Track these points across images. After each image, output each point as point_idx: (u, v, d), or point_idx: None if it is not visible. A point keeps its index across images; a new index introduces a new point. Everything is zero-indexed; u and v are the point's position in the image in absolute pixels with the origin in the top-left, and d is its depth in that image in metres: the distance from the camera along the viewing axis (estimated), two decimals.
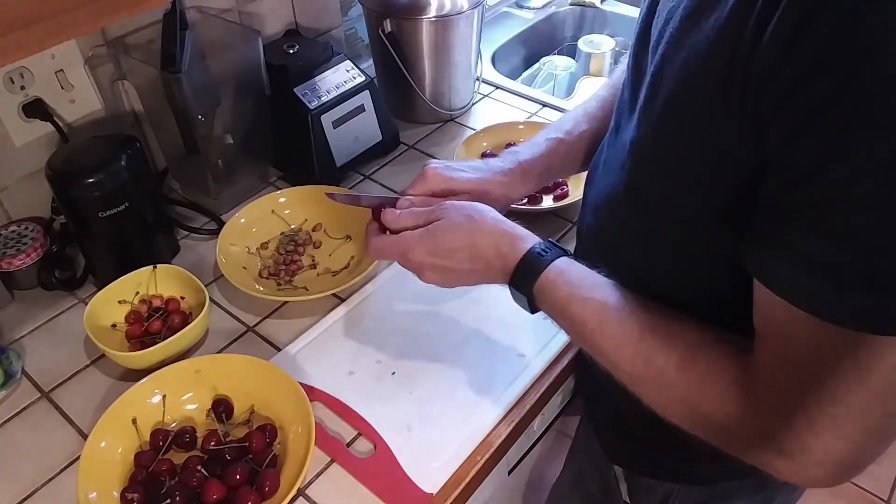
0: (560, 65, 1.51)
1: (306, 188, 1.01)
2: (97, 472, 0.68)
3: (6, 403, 0.79)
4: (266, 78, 1.01)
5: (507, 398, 0.77)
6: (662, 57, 0.51)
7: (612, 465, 0.79)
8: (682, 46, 0.48)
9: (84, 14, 0.54)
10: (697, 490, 0.72)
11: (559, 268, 0.61)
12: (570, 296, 0.59)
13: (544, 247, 0.63)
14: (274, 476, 0.68)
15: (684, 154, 0.51)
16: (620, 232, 0.62)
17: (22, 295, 0.92)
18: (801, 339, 0.44)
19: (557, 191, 1.01)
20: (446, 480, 0.70)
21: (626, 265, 0.62)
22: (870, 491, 1.68)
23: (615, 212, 0.62)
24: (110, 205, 0.84)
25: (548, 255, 0.62)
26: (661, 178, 0.55)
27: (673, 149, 0.52)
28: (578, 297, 0.59)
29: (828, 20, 0.37)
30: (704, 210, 0.52)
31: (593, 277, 0.60)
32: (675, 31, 0.49)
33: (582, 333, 0.59)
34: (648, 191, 0.57)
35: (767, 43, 0.40)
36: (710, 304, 0.55)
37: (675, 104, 0.50)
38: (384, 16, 1.11)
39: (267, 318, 0.89)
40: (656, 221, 0.57)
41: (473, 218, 0.65)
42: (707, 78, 0.45)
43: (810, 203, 0.41)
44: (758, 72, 0.41)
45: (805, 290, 0.42)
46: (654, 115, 0.52)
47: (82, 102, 0.95)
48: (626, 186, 0.59)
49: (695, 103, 0.47)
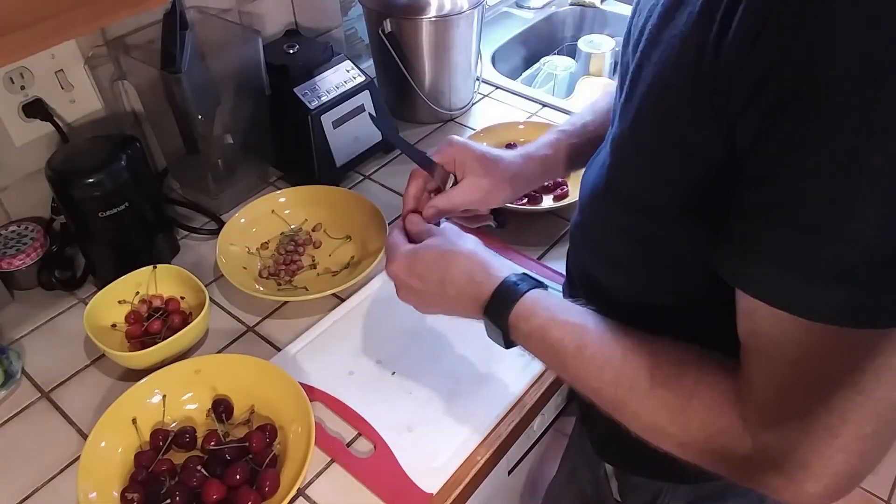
0: (560, 65, 1.51)
1: (306, 188, 1.01)
2: (97, 472, 0.69)
3: (6, 403, 0.79)
4: (266, 78, 1.01)
5: (507, 398, 0.77)
6: (641, 53, 0.51)
7: (603, 464, 0.79)
8: (658, 42, 0.48)
9: (84, 14, 0.54)
10: (687, 488, 0.72)
11: (535, 296, 0.60)
12: (549, 321, 0.58)
13: (519, 277, 0.62)
14: (274, 476, 0.68)
15: (657, 150, 0.51)
16: (604, 229, 0.62)
17: (22, 295, 0.92)
18: (786, 344, 0.44)
19: (557, 191, 1.02)
20: (446, 480, 0.70)
21: (611, 263, 0.62)
22: (870, 491, 1.68)
23: (600, 209, 0.62)
24: (110, 205, 0.84)
25: (523, 285, 0.61)
26: (639, 175, 0.54)
27: (647, 145, 0.52)
28: (557, 322, 0.58)
29: (784, 16, 0.38)
30: (679, 208, 0.51)
31: (571, 304, 0.60)
32: (654, 27, 0.49)
33: (562, 360, 0.57)
34: (627, 188, 0.57)
35: (732, 41, 0.40)
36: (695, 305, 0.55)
37: (649, 100, 0.50)
38: (384, 16, 1.11)
39: (267, 318, 0.89)
40: (636, 219, 0.57)
41: (453, 243, 0.65)
42: (678, 73, 0.45)
43: (779, 199, 0.40)
44: (725, 70, 0.41)
45: (781, 289, 0.42)
46: (632, 111, 0.52)
47: (82, 102, 0.95)
48: (607, 183, 0.59)
49: (667, 99, 0.47)
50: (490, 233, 0.82)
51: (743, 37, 0.40)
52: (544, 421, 0.94)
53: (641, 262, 0.59)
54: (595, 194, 0.62)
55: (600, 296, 0.65)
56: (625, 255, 0.60)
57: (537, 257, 0.95)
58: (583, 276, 0.70)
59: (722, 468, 0.50)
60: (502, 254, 0.94)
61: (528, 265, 0.92)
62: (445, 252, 0.65)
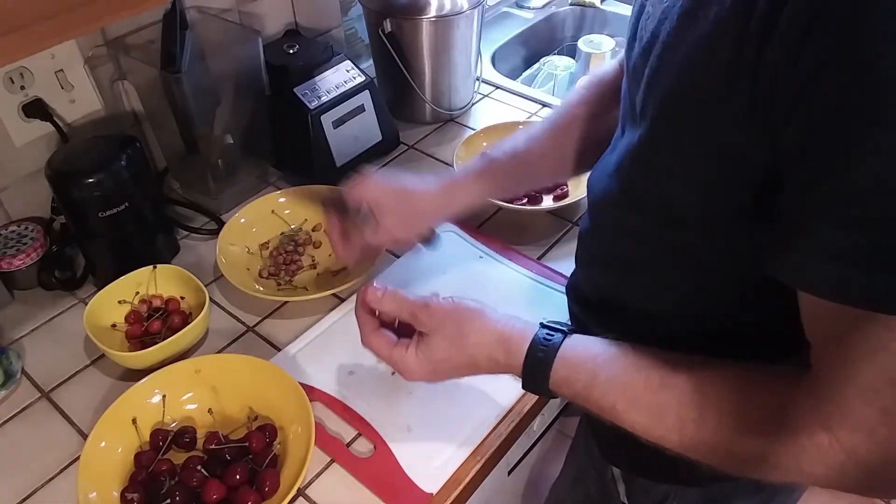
0: (560, 65, 1.51)
1: (306, 188, 1.01)
2: (97, 472, 0.69)
3: (6, 403, 0.79)
4: (266, 78, 1.01)
5: (508, 398, 0.77)
6: (660, 57, 0.50)
7: (610, 466, 0.79)
8: (679, 44, 0.48)
9: (84, 14, 0.53)
10: (695, 492, 0.72)
11: (565, 358, 0.57)
12: (589, 384, 0.56)
13: (543, 338, 0.58)
14: (274, 476, 0.68)
15: (686, 154, 0.50)
16: (618, 234, 0.62)
17: (22, 295, 0.92)
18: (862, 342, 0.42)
19: (557, 191, 1.02)
20: (446, 480, 0.70)
21: (625, 268, 0.61)
22: None
23: (613, 214, 0.62)
24: (110, 205, 0.84)
25: (549, 346, 0.58)
26: (663, 180, 0.54)
27: (674, 149, 0.51)
28: (598, 382, 0.55)
29: (834, 15, 0.37)
30: (709, 211, 0.51)
31: (606, 352, 0.57)
32: (673, 29, 0.49)
33: (615, 417, 0.55)
34: (648, 192, 0.56)
35: (778, 42, 0.40)
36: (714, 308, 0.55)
37: (674, 103, 0.49)
38: (384, 16, 1.11)
39: (267, 318, 0.89)
40: (657, 224, 0.56)
41: (463, 332, 0.61)
42: (708, 73, 0.45)
43: (837, 196, 0.40)
44: (769, 70, 0.41)
45: (854, 284, 0.41)
46: (653, 115, 0.51)
47: (82, 102, 0.95)
48: (623, 188, 0.58)
49: (696, 101, 0.47)
50: (482, 234, 0.82)
51: (790, 36, 0.39)
52: (544, 421, 0.95)
53: (657, 266, 0.58)
54: (608, 199, 0.61)
55: (611, 302, 0.65)
56: (640, 259, 0.60)
57: (537, 257, 0.95)
58: (592, 281, 0.69)
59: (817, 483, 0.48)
60: (502, 254, 0.94)
61: (528, 265, 0.92)
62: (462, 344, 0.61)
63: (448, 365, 0.62)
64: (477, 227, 0.99)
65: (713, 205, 0.50)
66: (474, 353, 0.60)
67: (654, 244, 0.58)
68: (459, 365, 0.62)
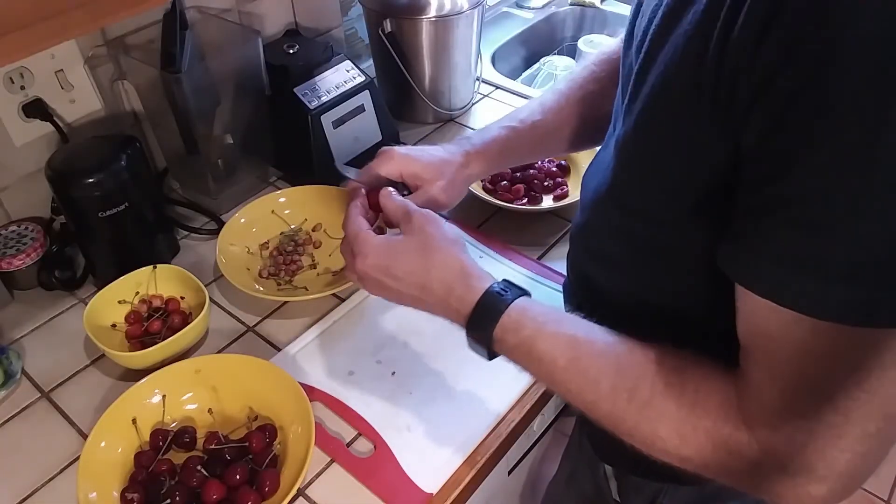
0: (560, 65, 1.51)
1: (306, 188, 1.01)
2: (97, 472, 0.68)
3: (6, 403, 0.79)
4: (266, 78, 1.01)
5: (508, 398, 0.77)
6: (646, 55, 0.50)
7: (602, 464, 0.79)
8: (663, 43, 0.48)
9: (84, 14, 0.54)
10: (686, 490, 0.72)
11: (521, 306, 0.57)
12: (537, 332, 0.55)
13: (503, 286, 0.59)
14: (274, 476, 0.68)
15: (660, 152, 0.50)
16: (605, 231, 0.62)
17: (22, 295, 0.92)
18: (790, 343, 0.43)
19: (557, 191, 1.02)
20: (446, 480, 0.70)
21: (610, 265, 0.61)
22: (870, 491, 1.68)
23: (601, 211, 0.62)
24: (110, 205, 0.84)
25: (508, 294, 0.58)
26: (641, 177, 0.54)
27: (650, 147, 0.51)
28: (546, 333, 0.55)
29: (793, 10, 0.37)
30: (681, 209, 0.51)
31: (559, 313, 0.58)
32: (658, 27, 0.49)
33: (552, 372, 0.55)
34: (630, 190, 0.56)
35: (737, 36, 0.40)
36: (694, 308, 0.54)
37: (654, 101, 0.49)
38: (384, 16, 1.11)
39: (267, 318, 0.89)
40: (636, 222, 0.56)
41: (432, 247, 0.61)
42: (682, 73, 0.45)
43: (787, 197, 0.40)
44: (730, 67, 0.41)
45: (789, 287, 0.41)
46: (636, 113, 0.52)
47: (82, 102, 0.95)
48: (609, 186, 0.59)
49: (671, 100, 0.47)
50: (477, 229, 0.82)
51: (749, 32, 0.39)
52: (544, 421, 0.94)
53: (641, 264, 0.59)
54: (598, 196, 0.62)
55: (598, 298, 0.65)
56: (624, 257, 0.60)
57: (537, 257, 0.95)
58: (581, 278, 0.70)
59: (727, 477, 0.49)
60: (502, 254, 0.94)
61: (528, 265, 0.92)
62: (426, 257, 0.61)
63: (402, 270, 0.61)
64: (477, 226, 0.99)
65: (684, 203, 0.50)
66: (434, 272, 0.60)
67: (637, 242, 0.58)
68: (412, 275, 0.61)
